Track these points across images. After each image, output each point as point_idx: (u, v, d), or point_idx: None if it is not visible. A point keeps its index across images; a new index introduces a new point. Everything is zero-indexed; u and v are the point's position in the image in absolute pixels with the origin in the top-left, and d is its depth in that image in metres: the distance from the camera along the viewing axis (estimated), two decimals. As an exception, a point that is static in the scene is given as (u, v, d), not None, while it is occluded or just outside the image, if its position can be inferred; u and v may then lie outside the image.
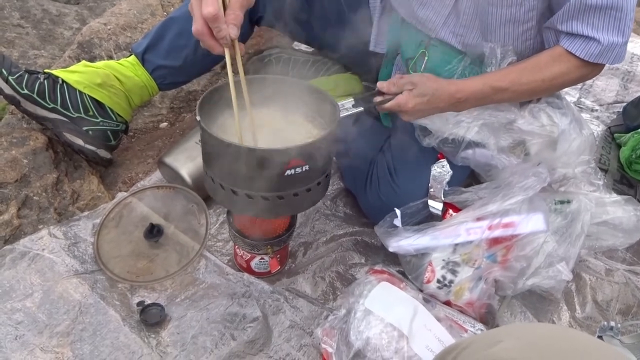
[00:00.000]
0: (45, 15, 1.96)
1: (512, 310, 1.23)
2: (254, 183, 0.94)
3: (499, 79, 1.10)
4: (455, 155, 1.24)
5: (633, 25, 1.07)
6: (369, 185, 1.30)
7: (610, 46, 1.05)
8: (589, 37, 1.05)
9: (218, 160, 0.96)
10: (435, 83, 1.10)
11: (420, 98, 1.09)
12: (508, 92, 1.11)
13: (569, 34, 1.06)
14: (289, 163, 0.91)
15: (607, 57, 1.06)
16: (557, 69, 1.09)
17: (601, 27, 1.04)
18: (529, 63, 1.11)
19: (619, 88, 1.88)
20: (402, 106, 1.10)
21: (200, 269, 1.21)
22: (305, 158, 0.92)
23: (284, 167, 0.91)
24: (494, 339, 0.60)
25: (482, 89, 1.10)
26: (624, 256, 1.38)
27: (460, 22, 1.16)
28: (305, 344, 1.12)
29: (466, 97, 1.11)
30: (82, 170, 1.38)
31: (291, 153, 0.90)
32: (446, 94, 1.10)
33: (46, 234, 1.22)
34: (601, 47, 1.05)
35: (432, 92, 1.09)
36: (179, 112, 1.64)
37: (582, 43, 1.06)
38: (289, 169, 0.91)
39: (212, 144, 0.93)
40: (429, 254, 1.16)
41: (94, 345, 1.06)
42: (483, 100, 1.13)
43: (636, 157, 1.52)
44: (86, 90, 1.30)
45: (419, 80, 1.10)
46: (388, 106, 1.11)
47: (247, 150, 0.90)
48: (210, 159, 0.98)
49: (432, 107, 1.12)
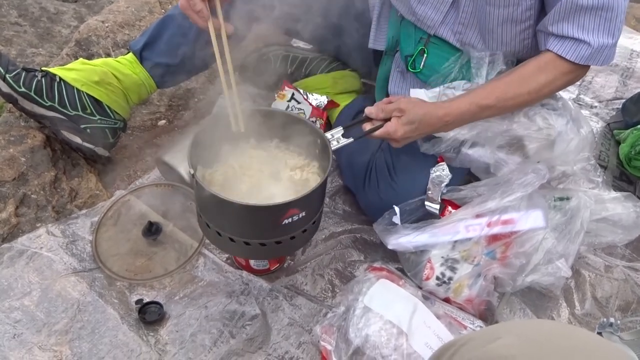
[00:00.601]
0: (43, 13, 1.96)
1: (511, 307, 1.23)
2: (252, 232, 0.96)
3: (485, 96, 1.10)
4: (454, 160, 1.24)
5: (623, 25, 1.06)
6: (367, 184, 1.29)
7: (600, 48, 1.04)
8: (579, 40, 1.04)
9: (214, 211, 0.96)
10: (422, 109, 1.09)
11: (409, 126, 1.08)
12: (495, 109, 1.11)
13: (559, 36, 1.06)
14: (286, 214, 0.92)
15: (597, 59, 1.06)
16: (543, 79, 1.09)
17: (591, 28, 1.03)
18: (514, 75, 1.11)
19: (618, 84, 1.88)
20: (392, 134, 1.09)
21: (199, 267, 1.20)
22: (301, 207, 0.94)
23: (281, 218, 0.93)
24: (493, 336, 0.60)
25: (469, 109, 1.10)
26: (624, 252, 1.38)
27: (459, 20, 1.15)
28: (304, 341, 1.12)
29: (453, 119, 1.10)
30: (80, 168, 1.38)
31: (289, 206, 0.92)
32: (434, 119, 1.09)
33: (44, 232, 1.22)
34: (591, 49, 1.04)
35: (419, 118, 1.08)
36: (178, 109, 1.63)
37: (572, 46, 1.05)
38: (286, 218, 0.93)
39: (208, 197, 0.93)
40: (428, 251, 1.16)
41: (92, 344, 1.06)
42: (471, 119, 1.13)
43: (635, 153, 1.51)
44: (84, 88, 1.30)
45: (406, 106, 1.09)
46: (378, 134, 1.10)
47: (245, 207, 0.91)
48: (206, 208, 0.99)
49: (421, 132, 1.12)
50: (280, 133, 1.08)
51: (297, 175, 1.06)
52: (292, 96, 1.45)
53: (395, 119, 1.09)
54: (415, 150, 1.24)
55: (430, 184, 1.20)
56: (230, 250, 1.06)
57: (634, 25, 2.17)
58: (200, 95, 1.69)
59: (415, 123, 1.08)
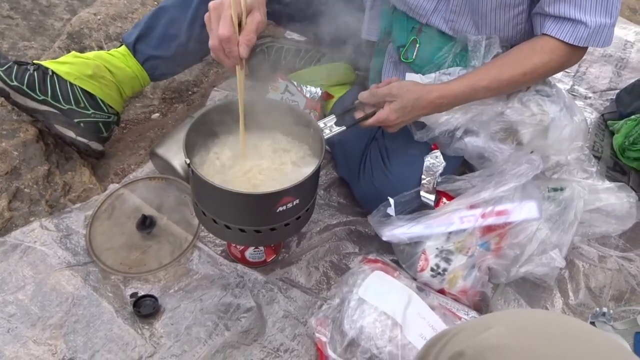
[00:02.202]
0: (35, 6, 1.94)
1: (505, 297, 1.24)
2: (247, 220, 0.96)
3: (480, 78, 1.10)
4: (448, 147, 1.23)
5: (620, 6, 1.06)
6: (362, 173, 1.29)
7: (598, 28, 1.04)
8: (576, 20, 1.04)
9: (211, 199, 0.97)
10: (414, 93, 1.09)
11: (402, 110, 1.08)
12: (490, 90, 1.11)
13: (556, 17, 1.05)
14: (281, 201, 0.93)
15: (596, 40, 1.06)
16: (537, 60, 1.09)
17: (589, 7, 1.03)
18: (509, 57, 1.11)
19: (612, 75, 1.88)
20: (385, 121, 1.09)
21: (194, 260, 1.20)
22: (296, 195, 0.94)
23: (275, 205, 0.93)
24: (485, 325, 0.60)
25: (464, 91, 1.09)
26: (617, 243, 1.39)
27: (451, 7, 1.15)
28: (299, 333, 1.12)
29: (448, 101, 1.10)
30: (74, 162, 1.37)
31: (283, 194, 0.92)
32: (427, 102, 1.09)
33: (38, 226, 1.21)
34: (589, 30, 1.04)
35: (412, 102, 1.08)
36: (171, 102, 1.63)
37: (570, 28, 1.05)
38: (281, 206, 0.93)
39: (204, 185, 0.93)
40: (422, 242, 1.16)
41: (87, 337, 1.06)
42: (466, 100, 1.13)
43: (629, 144, 1.51)
44: (77, 82, 1.29)
45: (398, 91, 1.08)
46: (371, 122, 1.10)
47: (240, 195, 0.91)
48: (202, 196, 0.99)
49: (415, 116, 1.12)
50: (273, 122, 1.08)
51: (290, 163, 1.06)
52: (286, 88, 1.44)
53: (387, 105, 1.09)
54: (409, 138, 1.23)
55: (425, 173, 1.20)
56: (226, 237, 1.07)
57: (628, 15, 2.17)
58: (193, 88, 1.68)
59: (408, 107, 1.08)
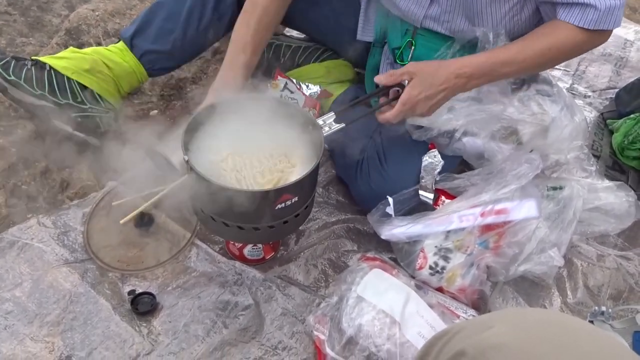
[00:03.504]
0: (33, 2, 1.92)
1: (504, 296, 1.24)
2: (245, 217, 0.96)
3: (503, 51, 1.08)
4: (446, 147, 1.23)
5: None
6: (359, 173, 1.29)
7: (608, 10, 1.03)
8: (585, 4, 1.03)
9: (209, 196, 0.96)
10: (432, 66, 1.07)
11: (421, 85, 1.05)
12: (514, 65, 1.09)
13: (565, 3, 1.05)
14: (280, 199, 0.93)
15: (607, 21, 1.05)
16: (562, 35, 1.07)
17: None
18: (529, 36, 1.09)
19: (611, 74, 1.88)
20: (409, 101, 1.05)
21: (192, 258, 1.20)
22: (294, 192, 0.94)
23: (274, 203, 0.93)
24: (486, 324, 0.60)
25: (487, 62, 1.07)
26: (616, 242, 1.38)
27: (444, 9, 1.14)
28: (297, 331, 1.12)
29: (471, 72, 1.07)
30: (72, 158, 1.36)
31: (282, 191, 0.92)
32: (447, 72, 1.06)
33: (35, 223, 1.21)
34: (599, 12, 1.03)
35: (431, 74, 1.05)
36: (169, 99, 1.62)
37: (579, 12, 1.04)
38: (280, 203, 0.93)
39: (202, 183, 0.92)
40: (421, 240, 1.16)
41: (84, 335, 1.05)
42: (489, 74, 1.09)
43: (628, 143, 1.51)
44: (74, 77, 1.28)
45: (414, 68, 1.06)
46: (395, 111, 1.06)
47: (239, 193, 0.91)
48: (200, 194, 0.98)
49: (439, 91, 1.06)
50: (271, 119, 1.08)
51: (289, 161, 1.05)
52: (285, 85, 1.44)
53: (407, 88, 1.06)
54: (406, 138, 1.23)
55: (423, 172, 1.19)
56: (224, 234, 1.07)
57: (628, 14, 2.16)
58: (192, 85, 1.67)
59: (428, 80, 1.05)
